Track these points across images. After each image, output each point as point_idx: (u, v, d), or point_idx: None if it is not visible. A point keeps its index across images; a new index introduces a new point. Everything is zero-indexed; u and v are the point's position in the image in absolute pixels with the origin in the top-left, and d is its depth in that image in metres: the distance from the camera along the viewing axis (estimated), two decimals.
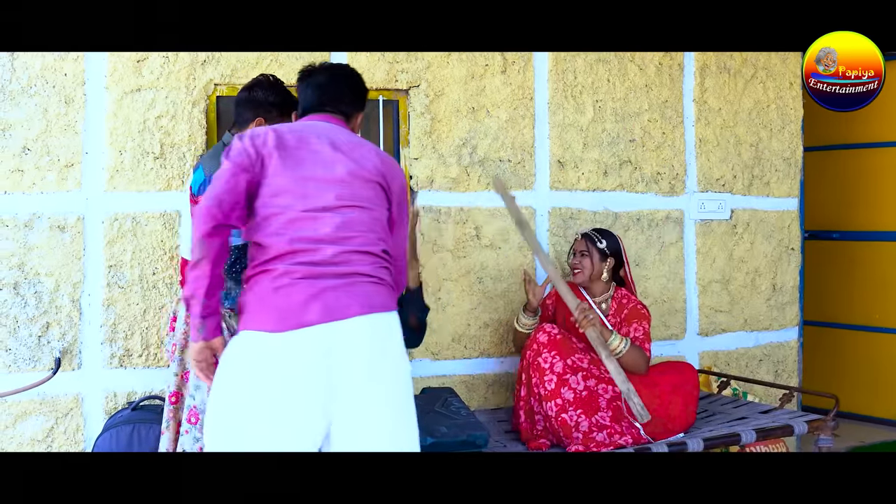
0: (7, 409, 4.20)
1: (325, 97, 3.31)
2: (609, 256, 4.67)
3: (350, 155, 3.09)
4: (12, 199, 4.18)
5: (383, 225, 3.10)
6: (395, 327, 3.00)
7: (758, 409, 4.94)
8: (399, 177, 3.21)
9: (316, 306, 2.85)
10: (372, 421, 2.91)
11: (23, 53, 4.17)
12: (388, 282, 3.04)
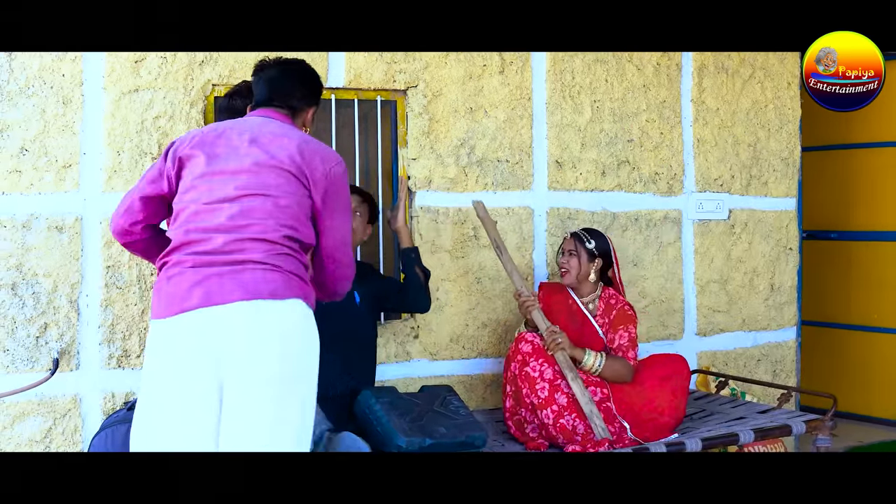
0: (5, 410, 4.19)
1: (274, 92, 3.39)
2: (597, 257, 4.64)
3: (265, 147, 3.14)
4: (10, 199, 4.18)
5: (294, 213, 3.09)
6: (286, 315, 2.99)
7: (756, 408, 4.95)
8: (324, 168, 3.16)
9: (198, 292, 2.92)
10: (251, 409, 2.93)
11: (20, 54, 4.17)
12: (285, 269, 3.01)
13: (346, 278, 3.33)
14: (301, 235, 3.10)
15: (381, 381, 4.79)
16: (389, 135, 4.97)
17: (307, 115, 3.46)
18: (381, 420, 3.94)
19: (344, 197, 3.25)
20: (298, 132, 3.28)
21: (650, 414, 4.39)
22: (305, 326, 3.05)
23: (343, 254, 3.26)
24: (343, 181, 3.23)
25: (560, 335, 4.30)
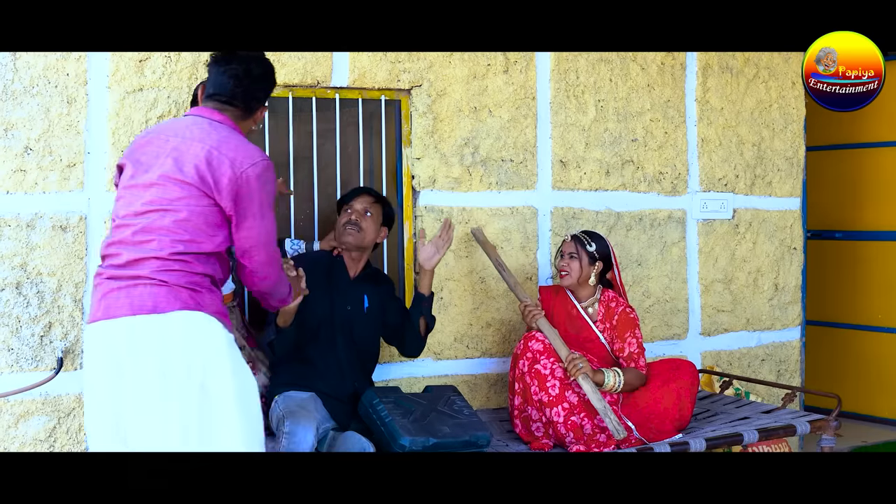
0: (10, 409, 4.20)
1: (218, 88, 3.36)
2: (598, 260, 4.61)
3: (178, 156, 3.17)
4: (14, 198, 4.18)
5: (195, 225, 3.12)
6: (166, 328, 3.04)
7: (760, 408, 4.94)
8: (233, 173, 3.14)
9: (102, 305, 3.08)
10: (136, 421, 3.05)
11: (25, 53, 4.17)
12: (172, 283, 3.07)
13: (267, 277, 3.29)
14: (202, 247, 3.13)
15: (385, 381, 4.79)
16: (394, 134, 4.97)
17: (259, 114, 3.43)
18: (385, 420, 3.94)
19: (258, 197, 3.19)
20: (219, 135, 3.22)
21: (655, 415, 4.38)
22: (191, 338, 3.07)
23: (259, 253, 3.23)
24: (259, 181, 3.18)
25: (581, 360, 4.27)
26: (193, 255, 3.12)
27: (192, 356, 3.04)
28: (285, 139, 4.72)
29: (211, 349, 3.09)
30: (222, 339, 3.12)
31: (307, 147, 4.79)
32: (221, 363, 3.09)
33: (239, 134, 3.29)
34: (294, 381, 4.21)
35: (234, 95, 3.34)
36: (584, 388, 4.23)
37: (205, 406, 3.04)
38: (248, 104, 3.37)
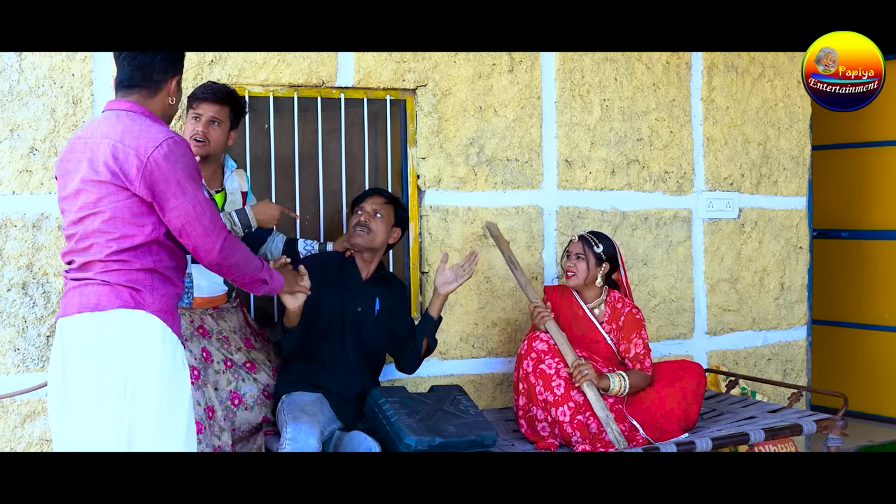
0: (16, 409, 4.21)
1: (119, 74, 3.34)
2: (605, 261, 4.60)
3: (91, 157, 3.18)
4: (20, 199, 4.19)
5: (122, 220, 3.15)
6: (105, 325, 3.12)
7: (766, 408, 4.93)
8: (140, 161, 3.11)
9: (63, 303, 3.22)
10: (79, 415, 3.14)
11: (30, 54, 4.17)
12: (113, 282, 3.14)
13: (211, 248, 3.20)
14: (134, 240, 3.16)
15: (391, 381, 4.79)
16: (399, 134, 4.98)
17: (170, 86, 3.35)
18: (391, 419, 3.94)
19: (173, 176, 3.14)
20: (123, 126, 3.20)
21: (661, 415, 4.38)
22: (128, 336, 3.12)
23: (193, 227, 3.17)
24: (168, 161, 3.12)
25: (586, 366, 4.26)
26: (129, 250, 3.15)
27: (128, 353, 3.10)
28: (290, 139, 4.72)
29: (145, 347, 3.12)
30: (157, 338, 3.14)
31: (312, 147, 4.79)
32: (152, 362, 3.12)
33: (144, 118, 3.24)
34: (301, 380, 4.21)
35: (133, 76, 3.30)
36: (589, 395, 4.23)
37: (128, 403, 3.10)
38: (150, 79, 3.30)
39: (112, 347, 3.09)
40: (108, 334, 3.11)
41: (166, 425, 3.15)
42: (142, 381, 3.10)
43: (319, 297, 4.16)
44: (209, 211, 3.19)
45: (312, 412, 3.99)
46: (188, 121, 4.11)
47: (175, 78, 3.36)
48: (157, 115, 3.29)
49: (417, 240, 4.96)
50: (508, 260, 4.65)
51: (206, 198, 3.21)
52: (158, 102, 3.32)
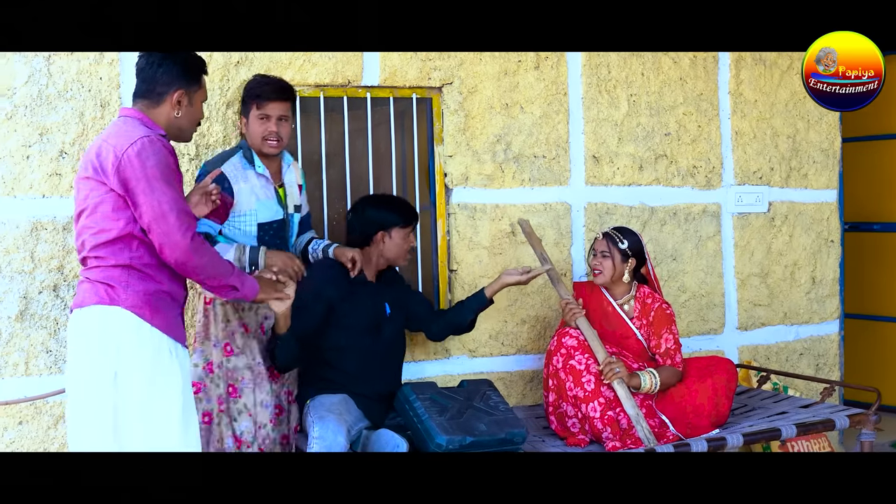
0: (49, 411, 4.24)
1: (137, 83, 3.47)
2: (631, 257, 4.57)
3: (85, 158, 3.35)
4: (50, 202, 4.22)
5: (102, 215, 3.28)
6: (84, 321, 3.28)
7: (798, 403, 4.90)
8: (115, 158, 3.23)
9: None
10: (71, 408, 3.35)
11: (59, 58, 4.20)
12: (93, 279, 3.29)
13: (174, 247, 3.23)
14: (109, 234, 3.27)
15: (420, 379, 4.79)
16: (425, 132, 4.97)
17: (172, 98, 3.43)
18: (422, 417, 3.95)
19: (142, 173, 3.21)
20: (116, 129, 3.34)
21: (690, 409, 4.36)
22: (105, 331, 3.25)
23: (158, 225, 3.22)
24: (139, 158, 3.21)
25: (617, 364, 4.25)
26: (105, 245, 3.27)
27: (106, 349, 3.23)
28: (317, 138, 4.73)
29: (122, 342, 3.23)
30: (133, 333, 3.24)
31: (339, 146, 4.80)
32: (130, 356, 3.23)
33: (136, 122, 3.35)
34: (325, 386, 4.21)
35: (138, 87, 3.45)
36: (619, 393, 4.22)
37: (118, 398, 3.24)
38: (152, 91, 3.42)
39: (93, 343, 3.24)
40: (89, 330, 3.26)
41: (155, 419, 3.26)
42: (125, 375, 3.22)
43: (334, 304, 4.18)
44: (176, 209, 3.24)
45: (339, 411, 4.00)
46: (253, 120, 4.11)
47: (178, 91, 3.44)
48: (159, 125, 3.41)
49: (445, 238, 4.96)
50: (540, 256, 4.63)
51: (176, 197, 3.26)
52: (162, 114, 3.43)
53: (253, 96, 4.11)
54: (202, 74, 3.53)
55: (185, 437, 3.30)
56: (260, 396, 4.04)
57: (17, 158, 4.17)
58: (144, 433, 3.24)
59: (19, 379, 4.20)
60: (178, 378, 3.30)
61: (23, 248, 4.18)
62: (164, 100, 3.42)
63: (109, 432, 3.23)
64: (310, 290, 4.08)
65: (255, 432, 4.03)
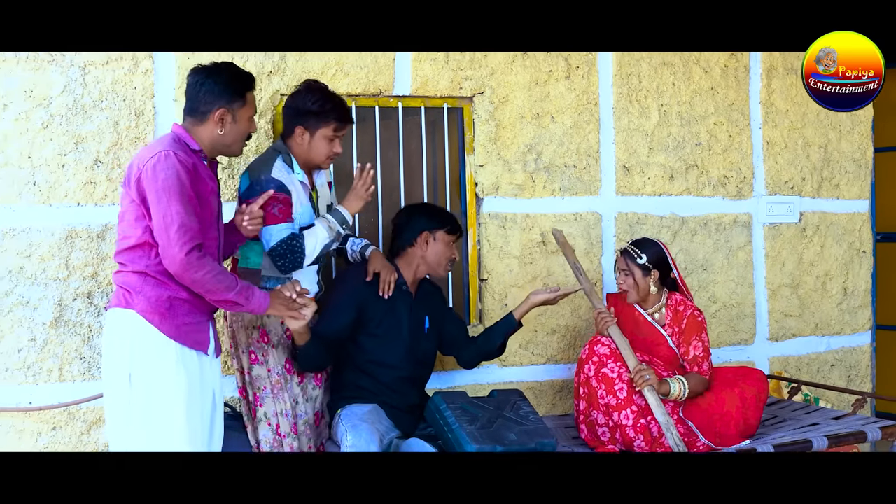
0: (82, 416, 4.28)
1: (186, 101, 3.62)
2: (653, 269, 4.53)
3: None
4: (85, 210, 4.26)
5: (128, 224, 3.44)
6: (109, 323, 3.49)
7: (830, 414, 4.87)
8: (138, 171, 3.38)
9: None
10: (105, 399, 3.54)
11: (94, 68, 4.24)
12: (118, 283, 3.47)
13: (172, 259, 3.32)
14: (129, 241, 3.43)
15: (450, 388, 4.80)
16: (456, 142, 4.99)
17: (214, 116, 3.54)
18: (452, 426, 3.95)
19: (154, 185, 3.34)
20: (152, 144, 3.51)
21: (717, 416, 4.35)
22: (121, 333, 3.43)
23: (161, 236, 3.35)
24: (154, 171, 3.35)
25: (648, 371, 4.25)
26: (126, 251, 3.44)
27: (122, 351, 3.41)
28: (348, 148, 4.75)
29: (134, 343, 3.40)
30: (142, 336, 3.40)
31: (370, 156, 4.81)
32: (141, 357, 3.40)
33: (171, 137, 3.50)
34: (356, 395, 4.21)
35: (186, 105, 3.60)
36: (650, 400, 4.21)
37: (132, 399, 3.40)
38: (196, 108, 3.56)
39: (113, 344, 3.45)
40: (111, 332, 3.47)
41: (159, 420, 3.39)
42: (136, 377, 3.40)
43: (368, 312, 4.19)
44: (177, 223, 3.33)
45: (371, 420, 4.01)
46: (321, 139, 4.06)
47: (221, 110, 3.53)
48: (203, 142, 3.55)
49: (476, 247, 4.97)
50: (574, 266, 4.61)
51: (181, 211, 3.34)
52: (206, 131, 3.56)
53: (332, 117, 4.04)
54: (246, 91, 3.61)
55: (191, 441, 3.43)
56: (280, 406, 4.04)
57: (53, 167, 4.21)
58: (147, 436, 3.39)
59: (53, 385, 4.24)
60: (182, 384, 3.43)
61: (58, 255, 4.22)
62: (207, 118, 3.53)
63: (125, 432, 3.42)
64: (344, 293, 4.11)
65: (273, 441, 4.02)
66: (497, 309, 4.93)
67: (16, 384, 4.19)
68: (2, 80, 4.17)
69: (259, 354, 4.04)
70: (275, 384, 4.03)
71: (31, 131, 4.19)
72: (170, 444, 3.38)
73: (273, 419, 4.01)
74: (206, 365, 3.54)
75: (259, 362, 4.05)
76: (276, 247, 3.92)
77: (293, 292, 3.71)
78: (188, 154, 3.45)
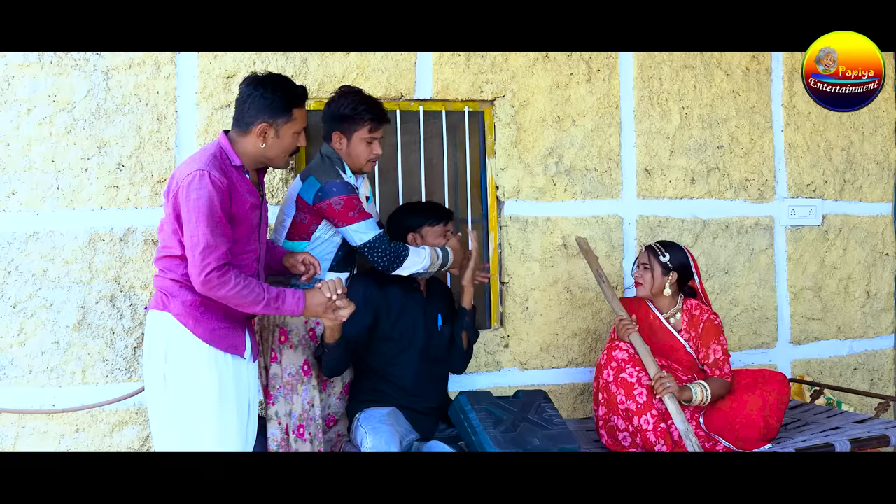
0: (105, 419, 4.30)
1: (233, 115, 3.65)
2: (672, 270, 4.52)
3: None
4: (108, 214, 4.29)
5: (166, 234, 3.51)
6: (148, 323, 3.56)
7: (852, 418, 4.85)
8: (176, 185, 3.42)
9: None
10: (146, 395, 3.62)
11: (117, 73, 4.27)
12: (156, 286, 3.54)
13: (196, 277, 3.36)
14: (172, 251, 3.48)
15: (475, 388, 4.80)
16: (477, 145, 4.99)
17: (257, 129, 3.54)
18: (476, 429, 3.95)
19: (187, 205, 3.38)
20: (196, 155, 3.51)
21: (738, 419, 4.33)
22: (157, 334, 3.50)
23: (189, 254, 3.39)
24: (187, 190, 3.38)
25: (668, 379, 4.24)
26: (165, 259, 3.51)
27: (158, 351, 3.48)
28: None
29: (169, 344, 3.46)
30: (177, 338, 3.46)
31: (392, 159, 4.83)
32: (175, 357, 3.46)
33: (212, 150, 3.49)
34: (374, 398, 4.21)
35: (234, 115, 3.61)
36: (670, 408, 4.20)
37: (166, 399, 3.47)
38: (241, 119, 3.57)
39: (151, 345, 3.51)
40: (149, 332, 3.54)
41: (191, 420, 3.44)
42: (170, 377, 3.46)
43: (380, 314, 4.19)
44: (202, 245, 3.35)
45: (391, 422, 4.01)
46: (359, 141, 4.07)
47: (263, 124, 3.53)
48: (246, 154, 3.56)
49: (497, 250, 4.97)
50: (597, 274, 4.60)
51: (207, 232, 3.36)
52: (249, 143, 3.56)
53: (370, 119, 4.06)
54: (294, 107, 3.58)
55: (221, 442, 3.46)
56: (289, 407, 4.05)
57: (77, 171, 4.24)
58: (180, 435, 3.45)
59: (76, 387, 4.26)
60: (214, 386, 3.47)
61: (81, 258, 4.24)
62: (250, 130, 3.54)
63: (164, 431, 3.48)
64: (360, 297, 4.10)
65: (280, 440, 4.03)
66: (518, 312, 4.93)
67: (39, 386, 4.22)
68: (26, 85, 4.20)
69: (277, 353, 4.06)
70: (286, 384, 4.04)
71: (54, 135, 4.22)
72: (200, 444, 3.42)
73: (283, 419, 4.02)
74: (242, 368, 3.58)
75: (277, 361, 4.07)
76: (377, 241, 3.96)
77: (333, 293, 3.71)
78: (225, 172, 3.45)
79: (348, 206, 3.93)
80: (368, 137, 4.06)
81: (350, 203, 3.93)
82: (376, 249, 3.96)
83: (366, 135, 4.05)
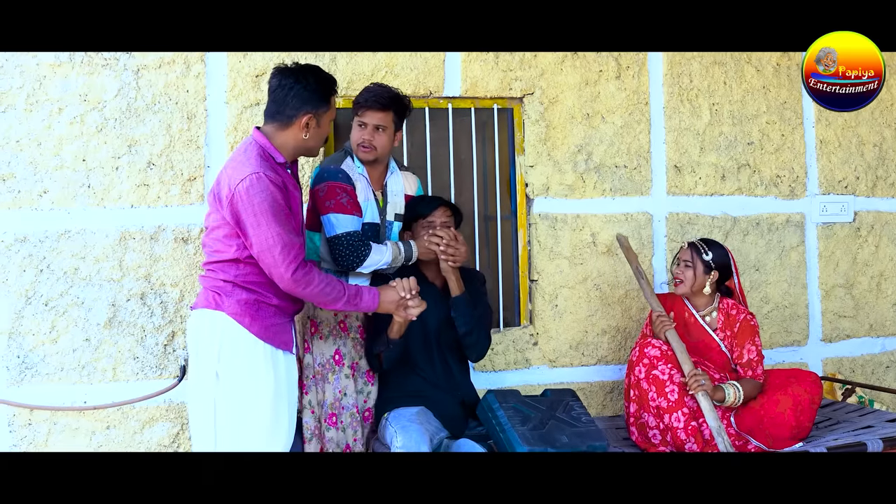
0: (136, 416, 4.33)
1: (267, 105, 3.62)
2: (714, 269, 4.51)
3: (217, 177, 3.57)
4: (138, 212, 4.31)
5: (215, 237, 3.53)
6: (195, 321, 3.56)
7: (885, 417, 4.81)
8: (228, 190, 3.42)
9: None
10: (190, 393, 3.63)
11: (147, 72, 4.30)
12: (205, 286, 3.56)
13: (280, 277, 3.43)
14: (223, 255, 3.51)
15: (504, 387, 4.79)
16: (506, 142, 4.98)
17: (301, 121, 3.54)
18: (504, 427, 3.95)
19: (250, 209, 3.38)
20: (236, 155, 3.52)
21: (769, 418, 4.31)
22: (210, 332, 3.49)
23: (264, 258, 3.42)
24: (248, 194, 3.38)
25: (703, 376, 4.22)
26: (217, 263, 3.53)
27: (210, 350, 3.48)
28: (399, 149, 4.76)
29: (223, 342, 3.47)
30: (231, 336, 3.47)
31: (421, 157, 4.83)
32: (229, 355, 3.46)
33: (253, 150, 3.48)
34: (403, 395, 4.20)
35: (269, 108, 3.59)
36: (703, 405, 4.18)
37: (217, 397, 3.47)
38: (282, 112, 3.54)
39: (202, 344, 3.51)
40: (199, 331, 3.53)
41: (243, 416, 3.45)
42: (223, 375, 3.45)
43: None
44: (280, 244, 3.39)
45: (420, 421, 4.00)
46: (354, 127, 4.14)
47: (307, 115, 3.53)
48: (286, 146, 3.55)
49: (526, 248, 4.96)
50: (636, 271, 4.59)
51: (281, 231, 3.40)
52: (290, 136, 3.55)
53: (355, 103, 4.13)
54: (331, 95, 3.61)
55: (272, 439, 3.48)
56: (320, 397, 4.08)
57: (107, 169, 4.27)
58: (232, 434, 3.44)
59: (107, 384, 4.29)
60: (270, 382, 3.48)
61: (111, 256, 4.27)
62: (293, 123, 3.53)
63: (211, 429, 3.46)
64: None
65: (313, 428, 4.06)
66: (547, 310, 4.92)
67: (71, 384, 4.25)
68: (57, 85, 4.23)
69: (310, 343, 4.09)
70: (316, 373, 4.07)
71: (85, 134, 4.25)
72: (252, 439, 3.44)
73: (317, 409, 4.05)
74: (290, 364, 3.61)
75: (309, 351, 4.10)
76: (343, 238, 3.96)
77: (407, 292, 3.73)
78: (276, 170, 3.47)
79: (328, 195, 3.98)
80: (358, 121, 4.12)
81: (332, 191, 3.97)
82: (337, 245, 3.98)
83: (356, 118, 4.12)
